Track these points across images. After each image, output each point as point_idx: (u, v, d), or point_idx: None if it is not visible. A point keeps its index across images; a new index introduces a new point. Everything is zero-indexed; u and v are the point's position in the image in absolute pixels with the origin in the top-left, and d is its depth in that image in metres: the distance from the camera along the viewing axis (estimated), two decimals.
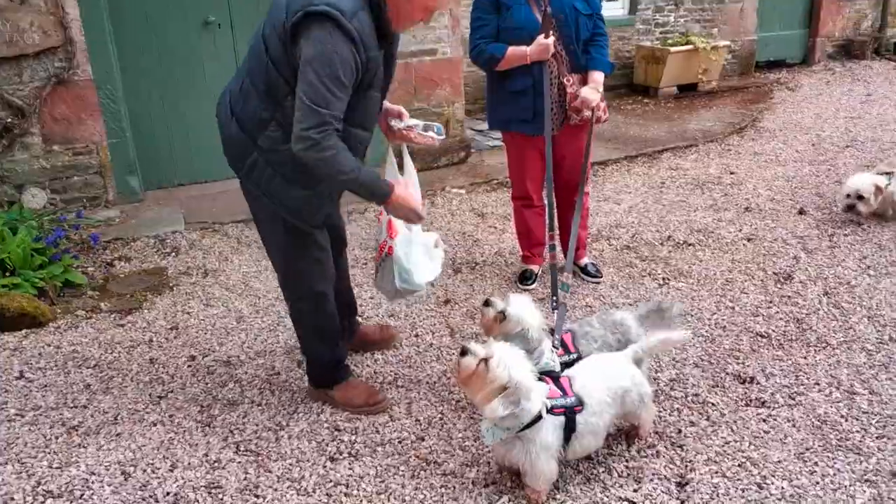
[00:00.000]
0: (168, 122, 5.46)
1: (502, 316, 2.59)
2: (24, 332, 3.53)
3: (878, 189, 4.52)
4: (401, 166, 2.81)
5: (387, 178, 2.72)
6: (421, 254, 2.84)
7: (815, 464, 2.57)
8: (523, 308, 2.60)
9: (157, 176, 5.52)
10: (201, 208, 5.18)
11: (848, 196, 4.57)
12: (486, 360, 2.25)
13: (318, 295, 2.76)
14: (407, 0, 2.36)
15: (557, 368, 2.59)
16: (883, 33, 10.27)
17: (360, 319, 3.41)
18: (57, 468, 2.60)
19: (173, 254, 4.49)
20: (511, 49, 3.42)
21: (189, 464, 2.62)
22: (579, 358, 2.69)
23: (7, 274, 3.69)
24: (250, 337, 3.52)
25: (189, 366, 3.27)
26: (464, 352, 2.30)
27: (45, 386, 3.11)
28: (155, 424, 2.85)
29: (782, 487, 2.46)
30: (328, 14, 2.19)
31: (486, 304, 2.66)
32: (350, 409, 2.91)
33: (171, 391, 3.07)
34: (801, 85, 8.84)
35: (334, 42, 2.21)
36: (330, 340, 2.90)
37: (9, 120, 4.74)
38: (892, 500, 2.40)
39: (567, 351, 2.75)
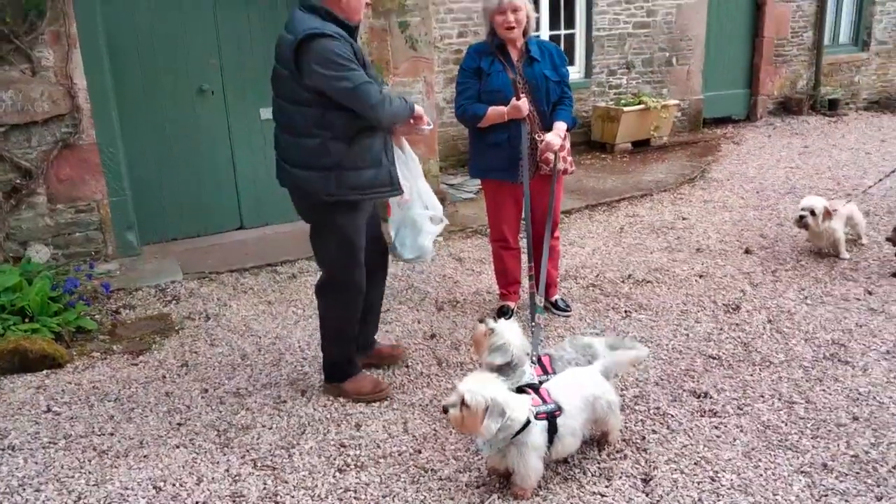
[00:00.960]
0: (163, 180, 5.85)
1: (491, 331, 3.03)
2: (45, 372, 3.83)
3: (828, 212, 5.08)
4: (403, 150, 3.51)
5: (396, 166, 3.40)
6: (409, 229, 3.56)
7: (759, 460, 2.99)
8: (508, 326, 3.05)
9: (152, 231, 5.87)
10: (196, 260, 5.53)
11: (803, 209, 5.12)
12: (462, 402, 2.62)
13: (359, 293, 3.41)
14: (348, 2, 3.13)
15: (537, 382, 2.99)
16: (817, 91, 11.15)
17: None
18: (94, 485, 2.90)
19: (174, 301, 4.82)
20: (491, 108, 3.92)
21: (213, 478, 2.94)
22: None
23: (27, 320, 3.99)
24: (255, 371, 3.86)
25: (202, 397, 3.60)
26: (445, 410, 2.67)
27: (73, 418, 3.41)
28: (178, 447, 3.16)
29: (731, 479, 2.87)
30: (311, 35, 2.96)
31: (481, 321, 3.12)
32: (360, 397, 3.48)
33: (189, 419, 3.39)
34: (746, 139, 9.58)
35: (326, 46, 2.96)
36: (349, 341, 3.52)
37: (17, 181, 5.08)
38: (823, 486, 2.82)
39: (545, 371, 3.16)
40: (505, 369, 2.98)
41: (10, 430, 3.31)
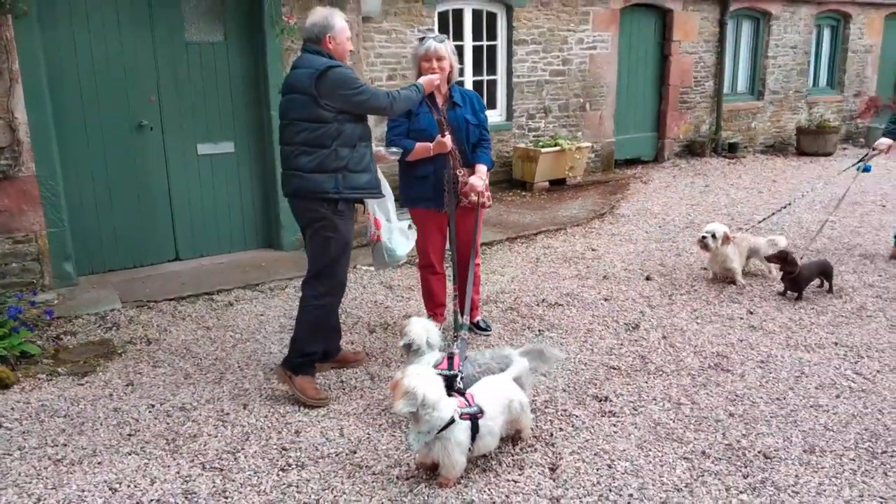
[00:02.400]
0: (101, 213, 6.04)
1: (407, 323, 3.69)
2: None
3: (727, 237, 5.74)
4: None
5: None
6: (398, 235, 4.32)
7: (650, 450, 3.48)
8: (416, 321, 3.71)
9: (89, 262, 6.04)
10: (134, 289, 5.73)
11: (706, 232, 5.79)
12: (402, 376, 3.07)
13: (342, 288, 4.05)
14: (339, 46, 3.85)
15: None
16: (718, 135, 12.20)
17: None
18: (52, 489, 3.13)
19: (115, 328, 5.02)
20: (418, 144, 4.39)
21: (165, 479, 3.22)
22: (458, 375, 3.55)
23: None
24: (199, 388, 4.13)
25: (149, 411, 3.85)
26: (398, 372, 3.15)
27: (25, 432, 3.61)
28: (130, 454, 3.42)
29: (625, 466, 3.34)
30: (329, 66, 3.70)
31: (406, 316, 3.62)
32: (301, 397, 3.88)
33: (139, 430, 3.65)
34: (653, 179, 10.40)
35: (342, 72, 3.72)
36: (323, 336, 4.05)
37: None
38: (701, 468, 3.32)
39: (451, 368, 3.59)
40: (409, 352, 3.68)
41: None
